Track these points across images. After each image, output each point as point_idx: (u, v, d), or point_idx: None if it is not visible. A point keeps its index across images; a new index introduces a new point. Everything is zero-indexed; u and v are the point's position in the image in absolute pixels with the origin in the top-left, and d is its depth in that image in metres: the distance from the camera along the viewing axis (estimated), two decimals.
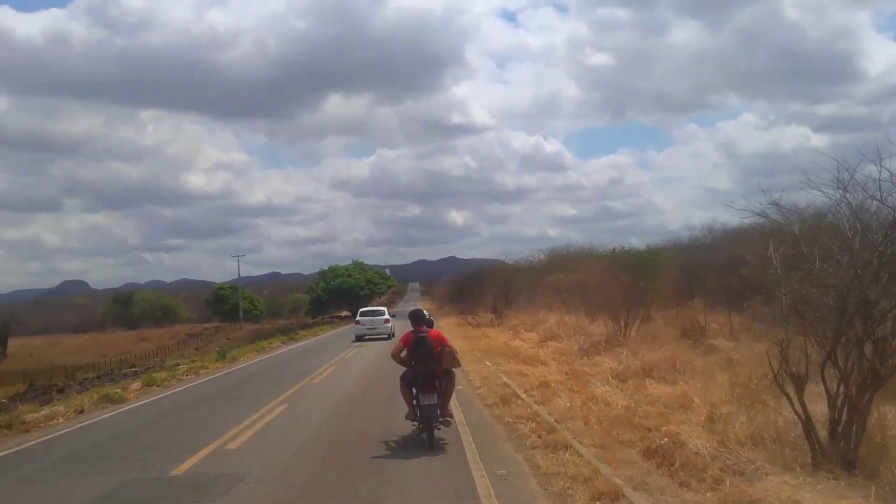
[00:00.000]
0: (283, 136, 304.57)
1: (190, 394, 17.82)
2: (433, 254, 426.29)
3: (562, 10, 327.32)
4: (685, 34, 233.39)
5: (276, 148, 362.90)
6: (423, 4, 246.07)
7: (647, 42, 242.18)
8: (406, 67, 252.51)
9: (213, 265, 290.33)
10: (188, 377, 21.37)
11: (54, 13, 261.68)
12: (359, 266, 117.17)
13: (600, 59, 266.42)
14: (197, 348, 63.38)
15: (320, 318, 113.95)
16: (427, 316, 10.75)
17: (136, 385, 19.00)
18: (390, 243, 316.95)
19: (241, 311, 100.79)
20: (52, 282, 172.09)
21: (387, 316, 41.99)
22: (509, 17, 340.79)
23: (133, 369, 37.79)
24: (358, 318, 42.58)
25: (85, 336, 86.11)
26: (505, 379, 16.19)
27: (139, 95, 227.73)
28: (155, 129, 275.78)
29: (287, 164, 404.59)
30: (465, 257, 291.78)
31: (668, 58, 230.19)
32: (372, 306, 53.34)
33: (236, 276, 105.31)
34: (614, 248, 33.56)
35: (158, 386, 19.18)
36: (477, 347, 25.76)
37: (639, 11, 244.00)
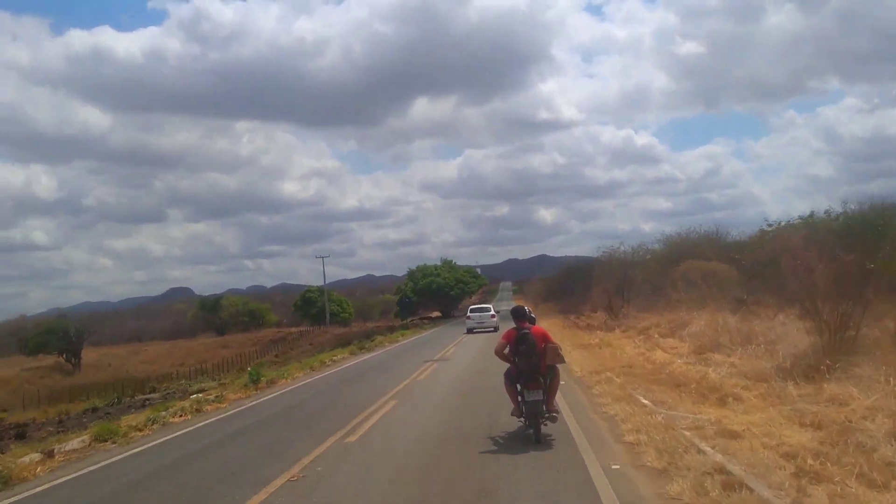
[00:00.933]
0: (373, 141, 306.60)
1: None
2: (524, 252, 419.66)
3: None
4: (780, 17, 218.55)
5: (366, 153, 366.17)
6: (506, 2, 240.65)
7: (739, 27, 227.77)
8: (491, 67, 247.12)
9: (310, 269, 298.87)
10: (176, 422, 14.17)
11: (151, 31, 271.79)
12: (448, 265, 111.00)
13: (690, 47, 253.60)
14: (277, 355, 58.47)
15: (409, 319, 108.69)
16: (528, 313, 10.43)
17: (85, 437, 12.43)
18: (480, 243, 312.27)
19: (328, 315, 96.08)
20: (159, 290, 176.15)
21: (492, 311, 47.23)
22: (595, 9, 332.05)
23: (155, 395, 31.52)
24: (468, 314, 47.18)
25: (169, 344, 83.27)
26: (707, 450, 8.22)
27: (234, 107, 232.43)
28: (250, 139, 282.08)
29: (377, 168, 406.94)
30: (556, 255, 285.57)
31: (763, 43, 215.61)
32: (479, 304, 58.46)
33: (336, 280, 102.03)
34: (811, 213, 26.08)
35: (115, 442, 12.31)
36: (603, 363, 18.48)
37: None
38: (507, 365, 10.20)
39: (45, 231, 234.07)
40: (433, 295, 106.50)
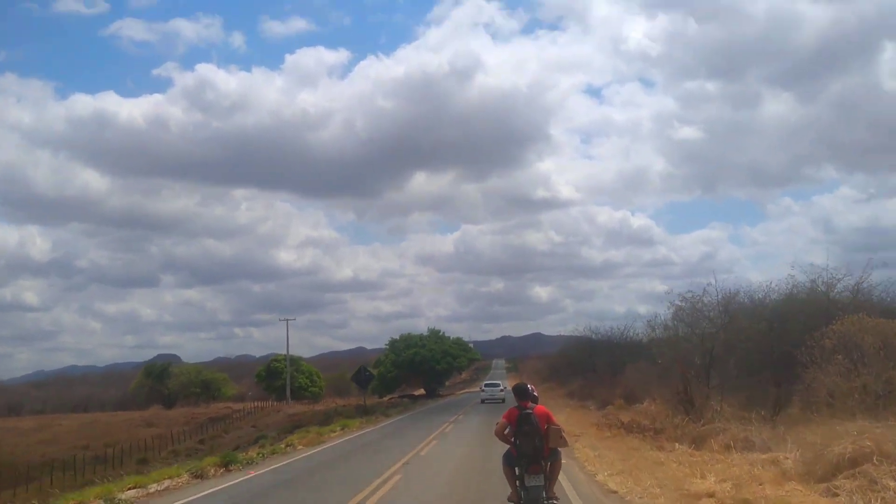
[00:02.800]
0: (370, 213, 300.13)
1: None
2: (518, 329, 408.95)
3: (648, 84, 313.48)
4: (777, 106, 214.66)
5: (364, 225, 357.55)
6: (507, 83, 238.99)
7: (737, 115, 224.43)
8: (490, 144, 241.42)
9: (301, 339, 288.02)
10: None
11: (155, 98, 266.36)
12: (435, 335, 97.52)
13: (689, 132, 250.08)
14: (203, 440, 45.06)
15: (388, 397, 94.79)
16: (531, 391, 9.88)
17: None
18: (474, 319, 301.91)
19: (289, 389, 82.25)
20: (148, 355, 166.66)
21: (502, 387, 58.62)
22: (594, 92, 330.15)
23: None
24: (482, 387, 60.01)
25: (91, 417, 69.36)
26: None
27: (233, 175, 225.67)
28: (248, 207, 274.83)
29: (373, 240, 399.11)
30: (550, 333, 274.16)
31: (761, 130, 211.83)
32: (491, 380, 69.55)
33: (324, 351, 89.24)
34: None
35: None
36: None
37: (728, 84, 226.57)
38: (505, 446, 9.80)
39: (36, 292, 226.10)
40: (417, 369, 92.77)
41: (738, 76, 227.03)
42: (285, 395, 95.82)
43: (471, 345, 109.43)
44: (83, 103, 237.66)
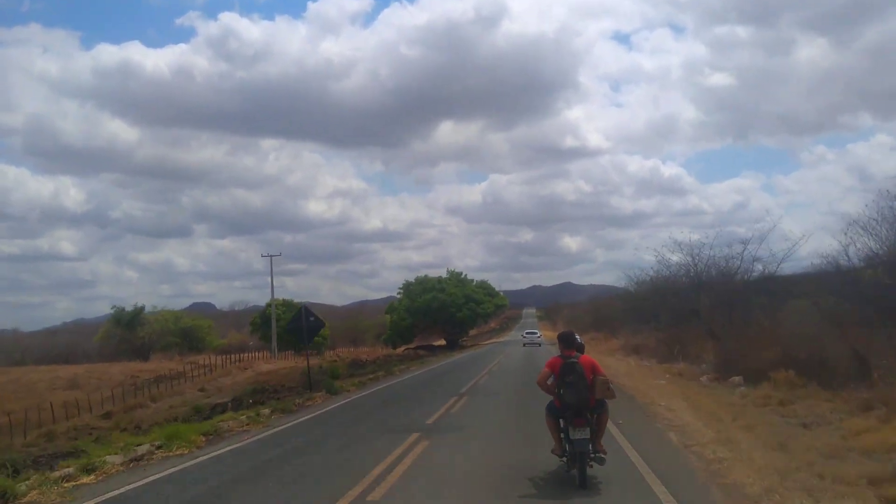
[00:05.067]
0: (398, 163, 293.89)
1: None
2: (548, 279, 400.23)
3: (677, 30, 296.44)
4: (811, 52, 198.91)
5: (391, 175, 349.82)
6: (533, 29, 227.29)
7: (770, 61, 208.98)
8: (517, 93, 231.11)
9: (331, 288, 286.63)
10: None
11: (180, 48, 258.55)
12: (455, 278, 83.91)
13: (720, 79, 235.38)
14: (108, 414, 32.16)
15: (402, 348, 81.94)
16: (577, 339, 9.28)
17: None
18: (503, 269, 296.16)
19: (275, 339, 69.43)
20: (182, 303, 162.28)
21: (538, 333, 73.88)
22: (623, 39, 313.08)
23: None
24: (524, 334, 73.48)
25: (56, 368, 57.25)
26: None
27: (260, 125, 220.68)
28: (276, 157, 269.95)
29: (401, 190, 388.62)
30: (581, 283, 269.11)
31: (794, 77, 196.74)
32: (530, 329, 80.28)
33: (356, 300, 78.03)
34: None
35: None
36: None
37: (760, 29, 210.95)
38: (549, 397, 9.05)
39: (73, 242, 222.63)
40: (434, 316, 79.60)
41: (770, 21, 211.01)
42: (288, 344, 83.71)
43: (500, 292, 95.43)
44: (109, 53, 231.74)
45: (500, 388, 20.57)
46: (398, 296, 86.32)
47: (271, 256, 69.28)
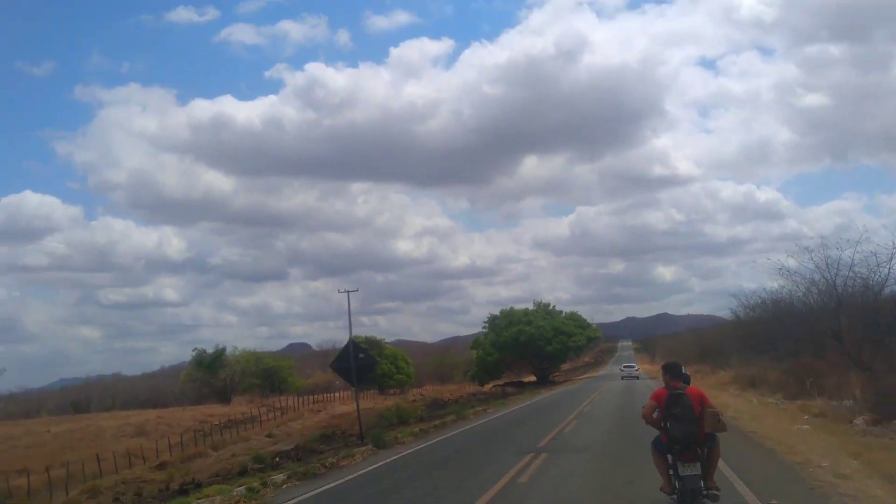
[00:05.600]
0: (483, 200, 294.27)
1: None
2: (642, 311, 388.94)
3: (766, 52, 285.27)
4: None
5: (477, 212, 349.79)
6: (615, 60, 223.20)
7: (866, 78, 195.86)
8: (602, 123, 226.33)
9: (423, 326, 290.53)
10: None
11: (270, 99, 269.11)
12: (543, 310, 79.17)
13: (814, 99, 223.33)
14: (162, 465, 29.41)
15: (491, 385, 77.49)
16: (683, 370, 8.80)
17: None
18: (596, 301, 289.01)
19: (356, 377, 66.03)
20: (280, 345, 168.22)
21: (636, 367, 75.14)
22: (708, 64, 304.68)
23: None
24: (622, 367, 74.25)
25: (131, 414, 55.86)
26: None
27: (348, 169, 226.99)
28: (364, 199, 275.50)
29: (488, 226, 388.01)
30: (677, 314, 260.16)
31: (893, 93, 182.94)
32: (627, 363, 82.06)
33: (449, 337, 75.50)
34: None
35: None
36: None
37: (854, 46, 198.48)
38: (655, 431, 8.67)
39: (175, 289, 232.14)
40: (522, 350, 74.88)
41: (864, 37, 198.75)
42: (371, 383, 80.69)
43: (593, 324, 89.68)
44: (203, 108, 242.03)
45: (590, 439, 16.22)
46: (483, 330, 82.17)
47: (348, 292, 66.48)
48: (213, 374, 70.50)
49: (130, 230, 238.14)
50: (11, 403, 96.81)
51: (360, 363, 19.85)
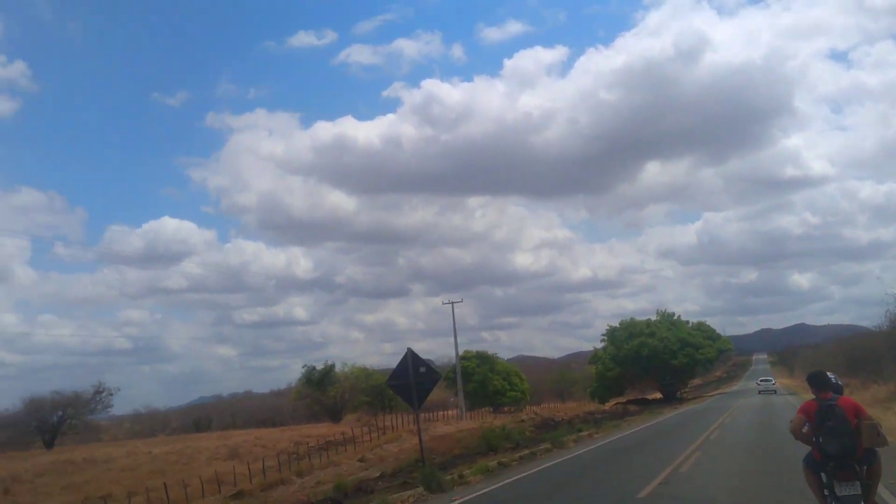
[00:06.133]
0: (603, 209, 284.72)
1: None
2: (778, 321, 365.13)
3: None
4: None
5: (597, 221, 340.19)
6: (739, 58, 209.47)
7: None
8: (727, 125, 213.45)
9: (545, 341, 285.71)
10: None
11: (388, 118, 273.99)
12: (667, 320, 73.23)
13: None
14: (239, 495, 26.93)
15: (612, 402, 72.18)
16: (833, 379, 8.12)
17: None
18: (727, 312, 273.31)
19: (462, 395, 62.75)
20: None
21: (773, 381, 71.42)
22: (840, 57, 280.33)
23: None
24: (758, 382, 69.12)
25: (245, 433, 55.34)
26: None
27: (466, 184, 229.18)
28: (482, 213, 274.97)
29: (609, 236, 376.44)
30: (816, 324, 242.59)
31: None
32: (763, 377, 76.29)
33: (572, 352, 72.63)
34: None
35: None
36: None
37: None
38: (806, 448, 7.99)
39: (304, 307, 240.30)
40: (645, 365, 69.24)
41: None
42: (479, 399, 77.04)
43: (724, 336, 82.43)
44: (325, 130, 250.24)
45: (715, 484, 11.93)
46: (602, 343, 76.97)
47: (452, 303, 63.32)
48: (322, 392, 68.93)
49: (261, 251, 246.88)
50: (137, 422, 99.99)
51: (421, 378, 16.26)
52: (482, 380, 74.96)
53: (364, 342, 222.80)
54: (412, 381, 16.20)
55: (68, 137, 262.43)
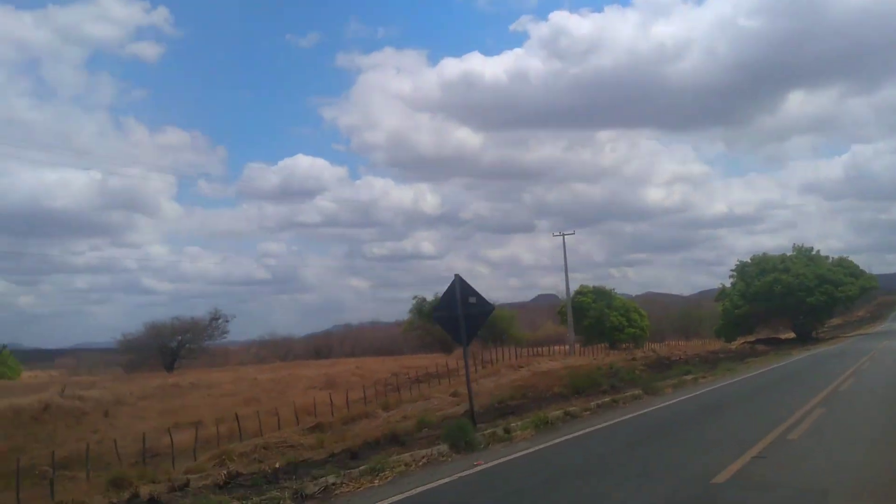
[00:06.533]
0: (742, 142, 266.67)
1: None
2: None
3: None
4: None
5: (735, 155, 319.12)
6: None
7: None
8: (879, 51, 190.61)
9: (676, 277, 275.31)
10: None
11: (515, 52, 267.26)
12: (804, 255, 66.86)
13: None
14: (318, 426, 25.74)
15: (740, 341, 67.06)
16: None
17: None
18: (875, 250, 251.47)
19: (572, 331, 59.69)
20: (529, 295, 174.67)
21: None
22: None
23: None
24: None
25: (295, 366, 55.66)
26: None
27: (595, 118, 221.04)
28: (612, 148, 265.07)
29: (747, 170, 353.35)
30: None
31: None
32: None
33: (705, 289, 69.15)
34: None
35: None
36: None
37: None
38: None
39: (431, 242, 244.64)
40: (777, 302, 63.56)
41: None
42: (595, 335, 73.73)
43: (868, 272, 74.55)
44: (452, 66, 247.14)
45: (835, 469, 8.77)
46: (731, 279, 71.44)
47: (563, 235, 59.72)
48: (432, 323, 67.82)
49: (389, 188, 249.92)
50: (264, 348, 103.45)
51: (471, 310, 13.60)
52: (599, 315, 71.61)
53: (489, 277, 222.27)
54: (460, 312, 13.53)
55: (209, 80, 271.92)
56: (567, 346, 57.78)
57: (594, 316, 71.84)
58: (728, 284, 72.12)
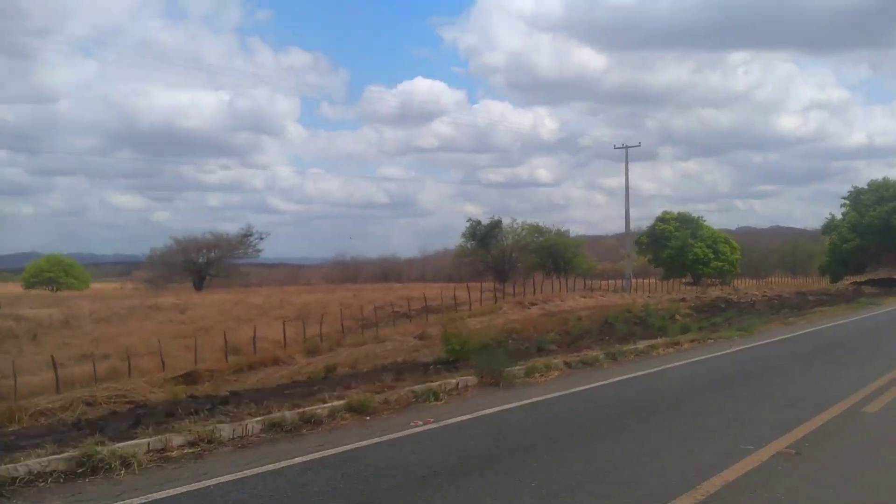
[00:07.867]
0: (890, 65, 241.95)
1: None
2: None
3: None
4: None
5: (881, 80, 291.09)
6: None
7: None
8: None
9: (805, 211, 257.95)
10: None
11: None
12: None
13: None
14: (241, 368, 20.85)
15: (849, 280, 58.17)
16: None
17: None
18: None
19: (629, 267, 52.07)
20: (645, 226, 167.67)
21: None
22: None
23: None
24: None
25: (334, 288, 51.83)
26: None
27: (727, 39, 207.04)
28: (744, 71, 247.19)
29: (894, 97, 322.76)
30: None
31: None
32: None
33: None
34: None
35: None
36: None
37: None
38: None
39: (548, 169, 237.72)
40: (894, 237, 54.12)
41: None
42: (675, 268, 66.14)
43: None
44: None
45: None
46: (842, 208, 61.84)
47: (626, 147, 51.60)
48: (485, 249, 61.78)
49: (507, 112, 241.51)
50: (334, 270, 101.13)
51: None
52: (681, 246, 63.58)
53: (606, 206, 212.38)
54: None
55: (331, 1, 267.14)
56: (623, 281, 50.46)
57: (676, 246, 64.00)
58: (839, 215, 62.68)
